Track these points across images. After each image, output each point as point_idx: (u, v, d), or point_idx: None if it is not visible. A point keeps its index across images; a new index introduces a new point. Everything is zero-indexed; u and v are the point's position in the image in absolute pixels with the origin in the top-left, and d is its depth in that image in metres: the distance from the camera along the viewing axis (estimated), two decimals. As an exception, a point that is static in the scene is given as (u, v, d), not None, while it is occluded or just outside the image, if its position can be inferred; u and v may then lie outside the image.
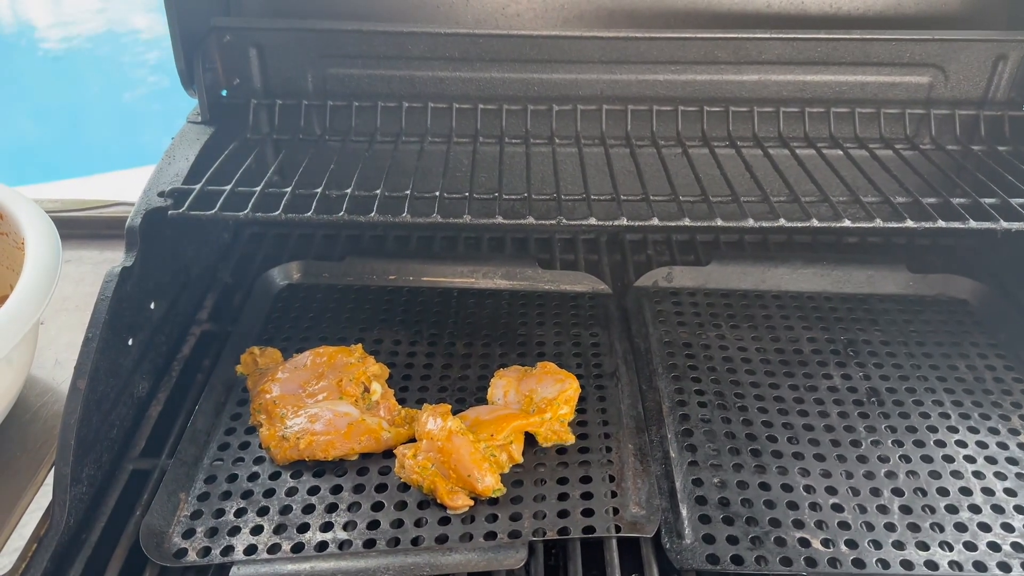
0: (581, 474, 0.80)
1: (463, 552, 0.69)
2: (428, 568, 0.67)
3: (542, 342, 1.00)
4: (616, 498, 0.77)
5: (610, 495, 0.77)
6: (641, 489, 0.77)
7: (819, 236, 1.23)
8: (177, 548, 0.72)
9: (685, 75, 1.11)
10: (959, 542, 0.74)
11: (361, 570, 0.67)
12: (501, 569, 0.69)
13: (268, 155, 1.11)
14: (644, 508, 0.75)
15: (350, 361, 0.87)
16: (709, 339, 1.00)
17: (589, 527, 0.73)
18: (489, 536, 0.73)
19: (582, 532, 0.73)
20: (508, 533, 0.73)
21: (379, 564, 0.67)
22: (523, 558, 0.68)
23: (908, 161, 1.04)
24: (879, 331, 1.02)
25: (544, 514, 0.75)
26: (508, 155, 1.09)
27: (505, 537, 0.72)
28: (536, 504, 0.76)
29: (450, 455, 0.76)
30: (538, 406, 0.84)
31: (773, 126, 1.11)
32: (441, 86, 1.12)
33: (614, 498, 0.77)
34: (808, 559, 0.72)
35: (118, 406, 0.84)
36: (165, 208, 0.89)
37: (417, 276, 1.10)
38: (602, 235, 1.22)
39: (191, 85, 1.05)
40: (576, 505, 0.76)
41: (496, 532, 0.73)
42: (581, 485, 0.78)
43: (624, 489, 0.78)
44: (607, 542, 0.73)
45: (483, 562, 0.68)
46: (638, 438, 0.84)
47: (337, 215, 0.87)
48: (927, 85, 1.13)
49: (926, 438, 0.86)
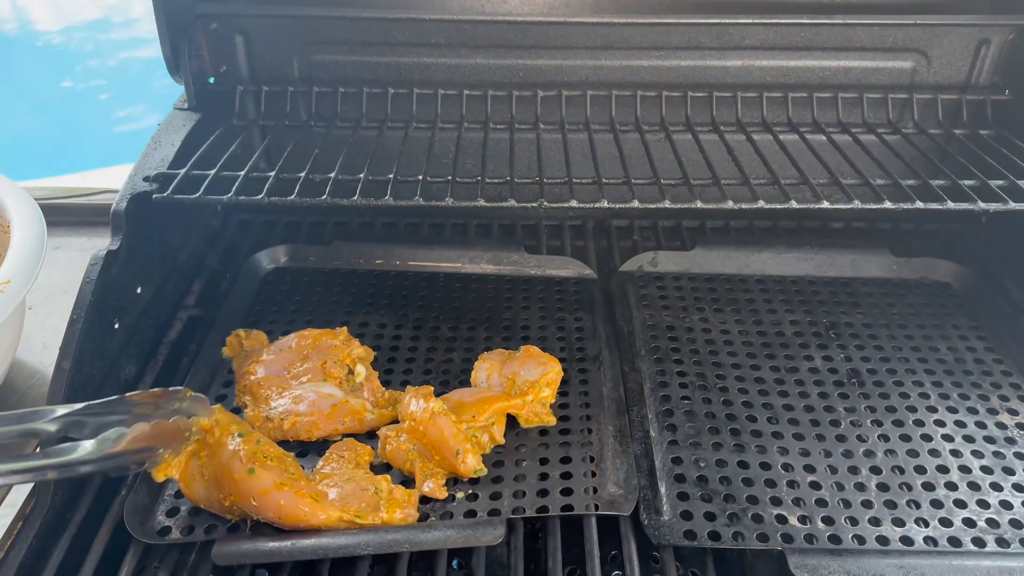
0: (561, 455, 0.81)
1: (442, 529, 0.69)
2: (407, 544, 0.68)
3: (527, 326, 1.00)
4: (595, 478, 0.78)
5: (590, 475, 0.78)
6: (620, 469, 0.78)
7: (804, 222, 1.23)
8: (161, 526, 0.73)
9: (669, 61, 1.11)
10: (935, 518, 0.75)
11: (341, 547, 0.68)
12: (480, 545, 0.70)
13: (254, 141, 1.12)
14: (622, 487, 0.76)
15: (335, 343, 0.88)
16: (692, 322, 1.01)
17: (568, 505, 0.74)
18: (469, 515, 0.74)
19: (561, 510, 0.74)
20: (488, 512, 0.74)
21: (359, 541, 0.68)
22: (501, 534, 0.69)
23: (890, 145, 1.05)
24: (861, 314, 1.03)
25: (524, 493, 0.76)
26: (493, 141, 1.09)
27: (484, 515, 0.73)
28: (516, 484, 0.77)
29: (432, 436, 0.77)
30: (520, 389, 0.85)
31: (756, 111, 1.12)
32: (426, 72, 1.12)
33: (593, 478, 0.78)
34: (785, 535, 0.73)
35: (104, 388, 0.84)
36: (150, 192, 0.90)
37: (404, 260, 1.11)
38: (588, 221, 1.23)
39: (177, 72, 1.06)
40: (556, 485, 0.77)
41: (476, 511, 0.74)
42: (561, 465, 0.79)
43: (603, 469, 0.78)
44: (586, 520, 0.74)
45: (461, 539, 0.69)
46: (618, 420, 0.85)
47: (320, 198, 0.88)
48: (910, 70, 1.13)
49: (905, 418, 0.87)
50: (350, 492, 0.71)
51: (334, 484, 0.72)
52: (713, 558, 0.73)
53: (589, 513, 0.74)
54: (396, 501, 0.72)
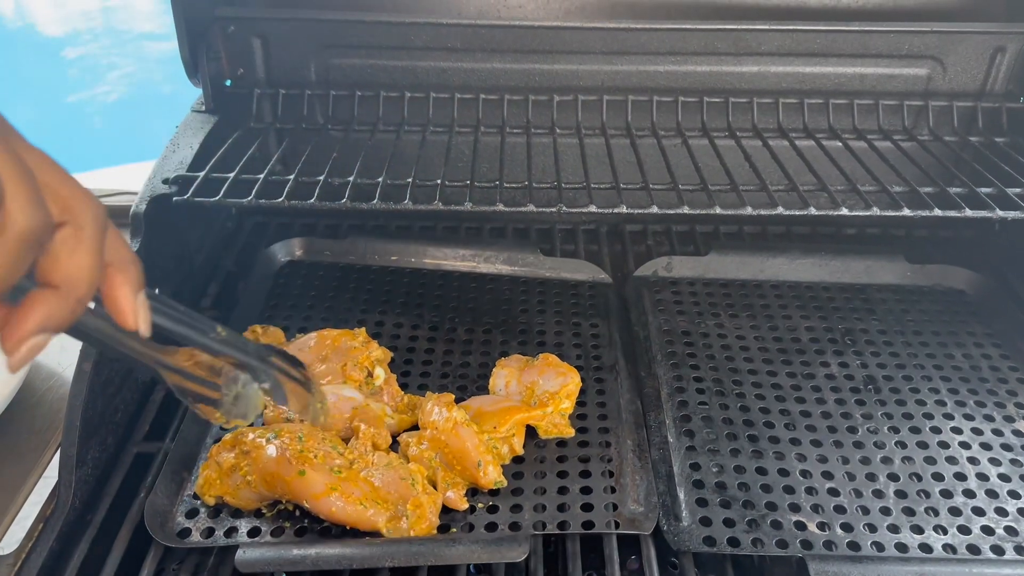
0: (580, 468, 0.80)
1: (467, 544, 0.69)
2: (432, 558, 0.68)
3: (543, 331, 1.00)
4: (615, 494, 0.77)
5: (609, 491, 0.77)
6: (640, 486, 0.78)
7: (818, 228, 1.23)
8: (181, 528, 0.73)
9: (685, 66, 1.11)
10: (953, 526, 0.75)
11: (366, 557, 0.68)
12: (503, 562, 0.70)
13: (271, 144, 1.12)
14: (642, 505, 0.76)
15: (354, 345, 0.88)
16: (708, 328, 1.01)
17: (588, 522, 0.74)
18: (490, 527, 0.74)
19: (581, 527, 0.73)
20: (508, 525, 0.74)
21: (384, 552, 0.68)
22: (526, 551, 0.69)
23: (906, 152, 1.05)
24: (876, 320, 1.03)
25: (544, 507, 0.76)
26: (509, 145, 1.09)
27: (506, 529, 0.73)
28: (536, 497, 0.77)
29: (454, 447, 0.76)
30: (540, 399, 0.85)
31: (772, 117, 1.12)
32: (443, 76, 1.12)
33: (613, 494, 0.77)
34: (804, 542, 0.73)
35: (123, 390, 0.85)
36: (170, 195, 0.90)
37: (419, 258, 1.11)
38: (602, 225, 1.23)
39: (195, 75, 1.06)
40: (576, 500, 0.76)
41: (497, 524, 0.74)
42: (580, 480, 0.79)
43: (623, 485, 0.78)
44: (606, 536, 0.73)
45: (486, 555, 0.68)
46: (636, 434, 0.84)
47: (340, 202, 0.88)
48: (925, 77, 1.13)
49: (922, 425, 0.87)
50: (390, 481, 0.72)
51: (377, 471, 0.73)
52: (732, 564, 0.73)
53: (610, 532, 0.73)
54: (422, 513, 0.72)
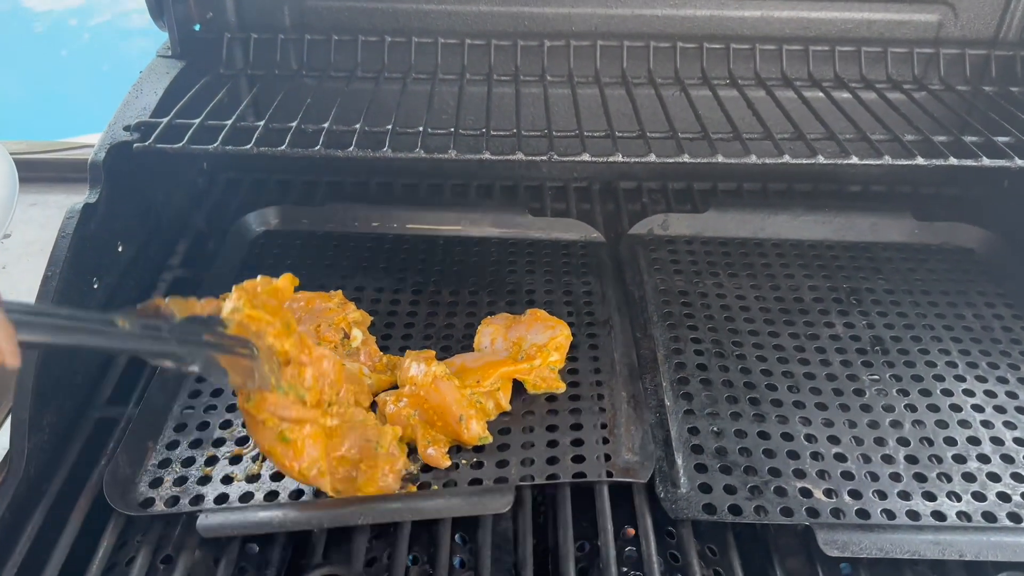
0: (572, 422, 0.76)
1: (445, 497, 0.65)
2: (408, 513, 0.63)
3: (532, 290, 0.95)
4: (608, 444, 0.73)
5: (602, 442, 0.73)
6: (635, 436, 0.74)
7: (820, 185, 1.18)
8: (144, 497, 0.68)
9: (684, 10, 1.05)
10: (967, 492, 0.71)
11: (336, 516, 0.63)
12: (486, 514, 0.65)
13: (242, 91, 1.05)
14: (637, 454, 0.72)
15: (329, 306, 0.82)
16: (706, 288, 0.96)
17: (580, 473, 0.70)
18: (474, 483, 0.69)
19: (572, 477, 0.69)
20: (494, 480, 0.70)
21: (356, 511, 0.63)
22: (509, 502, 0.65)
23: (917, 101, 0.99)
24: (883, 279, 0.98)
25: (532, 461, 0.72)
26: (496, 95, 1.03)
27: (491, 484, 0.69)
28: (524, 451, 0.73)
29: (434, 402, 0.72)
30: (527, 353, 0.80)
31: (775, 66, 1.06)
32: (426, 20, 1.05)
33: (606, 444, 0.73)
34: (810, 509, 0.68)
35: (82, 351, 0.79)
36: (131, 142, 0.84)
37: (402, 223, 1.05)
38: (595, 183, 1.17)
39: (161, 17, 0.99)
40: (567, 452, 0.72)
41: (481, 479, 0.70)
42: (572, 432, 0.75)
43: (617, 436, 0.74)
44: (598, 490, 0.69)
45: (466, 506, 0.64)
46: (632, 386, 0.80)
47: (314, 148, 0.82)
48: (936, 23, 1.07)
49: (932, 387, 0.82)
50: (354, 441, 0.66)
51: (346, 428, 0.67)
52: (734, 533, 0.69)
53: (602, 480, 0.69)
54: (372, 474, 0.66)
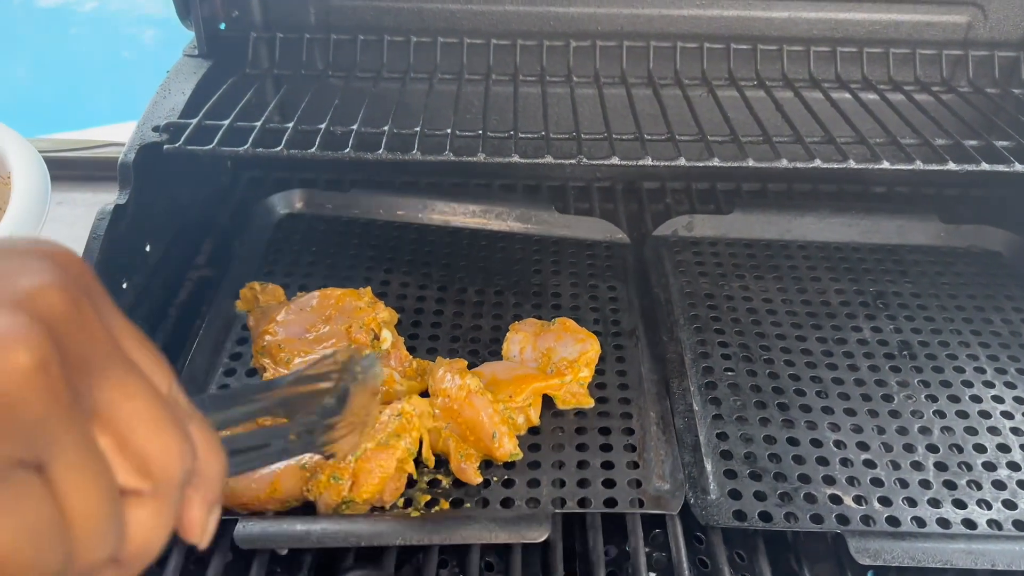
0: (601, 441, 0.75)
1: (483, 522, 0.64)
2: (447, 536, 0.63)
3: (557, 293, 0.95)
4: (638, 470, 0.72)
5: (632, 466, 0.73)
6: (665, 462, 0.73)
7: (845, 186, 1.17)
8: (176, 499, 0.68)
9: (711, 10, 1.04)
10: (998, 500, 0.71)
11: (374, 535, 0.63)
12: (525, 543, 0.65)
13: (268, 91, 1.05)
14: (668, 482, 0.71)
15: (359, 305, 0.82)
16: (732, 290, 0.96)
17: (611, 499, 0.69)
18: (506, 503, 0.69)
19: (604, 504, 0.69)
20: (526, 501, 0.69)
21: (393, 528, 0.63)
22: (547, 532, 0.64)
23: (946, 104, 0.99)
24: (909, 283, 0.98)
25: (563, 483, 0.71)
26: (522, 95, 1.02)
27: (523, 505, 0.69)
28: (555, 471, 0.72)
29: (468, 416, 0.71)
30: (557, 367, 0.79)
31: (803, 67, 1.05)
32: (451, 20, 1.05)
33: (636, 469, 0.72)
34: (840, 516, 0.68)
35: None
36: (160, 143, 0.84)
37: (427, 213, 1.05)
38: (618, 183, 1.17)
39: (187, 17, 0.99)
40: (597, 475, 0.71)
41: (513, 499, 0.69)
42: (602, 453, 0.74)
43: (647, 460, 0.73)
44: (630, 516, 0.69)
45: (504, 534, 0.63)
46: (660, 405, 0.79)
47: (343, 151, 0.82)
48: (965, 25, 1.06)
49: (961, 393, 0.82)
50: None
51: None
52: (763, 540, 0.69)
53: (634, 512, 0.69)
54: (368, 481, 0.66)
